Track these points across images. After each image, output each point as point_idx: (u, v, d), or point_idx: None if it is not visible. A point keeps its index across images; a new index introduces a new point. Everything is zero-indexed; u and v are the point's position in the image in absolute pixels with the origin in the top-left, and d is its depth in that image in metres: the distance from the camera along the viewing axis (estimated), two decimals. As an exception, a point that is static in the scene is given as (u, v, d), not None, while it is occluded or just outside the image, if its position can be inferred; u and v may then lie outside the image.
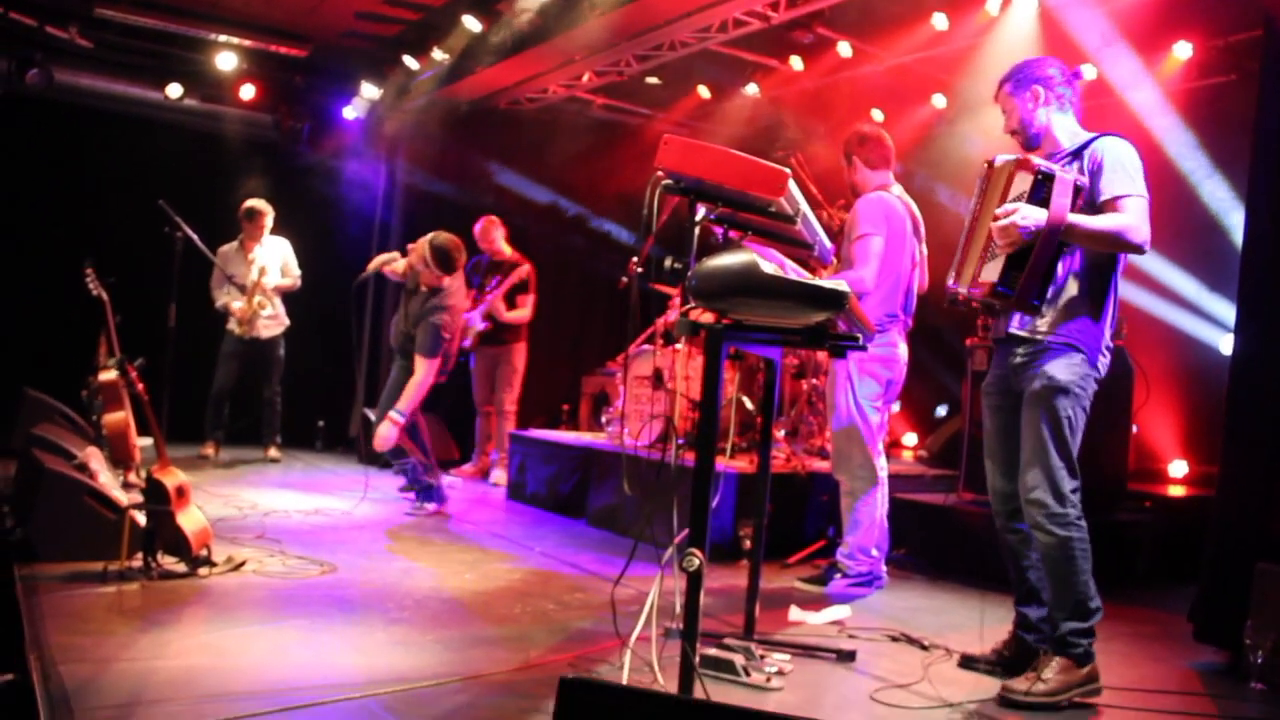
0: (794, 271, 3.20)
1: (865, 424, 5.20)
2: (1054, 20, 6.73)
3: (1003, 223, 3.53)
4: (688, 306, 3.17)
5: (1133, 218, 3.50)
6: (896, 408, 8.33)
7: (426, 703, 3.20)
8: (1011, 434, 3.79)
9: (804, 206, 3.30)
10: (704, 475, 3.08)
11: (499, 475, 8.19)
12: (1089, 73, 6.58)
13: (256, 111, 9.71)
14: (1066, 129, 3.80)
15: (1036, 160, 3.55)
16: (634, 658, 3.47)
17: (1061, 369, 3.62)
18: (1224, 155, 6.97)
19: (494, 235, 8.31)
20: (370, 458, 8.86)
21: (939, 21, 7.14)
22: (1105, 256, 3.64)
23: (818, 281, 3.09)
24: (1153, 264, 7.16)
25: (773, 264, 3.07)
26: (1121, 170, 3.56)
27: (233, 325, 8.39)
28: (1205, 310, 7.21)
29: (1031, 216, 3.48)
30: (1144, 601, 5.43)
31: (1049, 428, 3.62)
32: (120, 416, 5.97)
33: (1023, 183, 3.54)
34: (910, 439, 9.31)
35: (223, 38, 8.74)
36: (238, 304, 8.33)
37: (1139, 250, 3.53)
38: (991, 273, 3.62)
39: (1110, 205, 3.54)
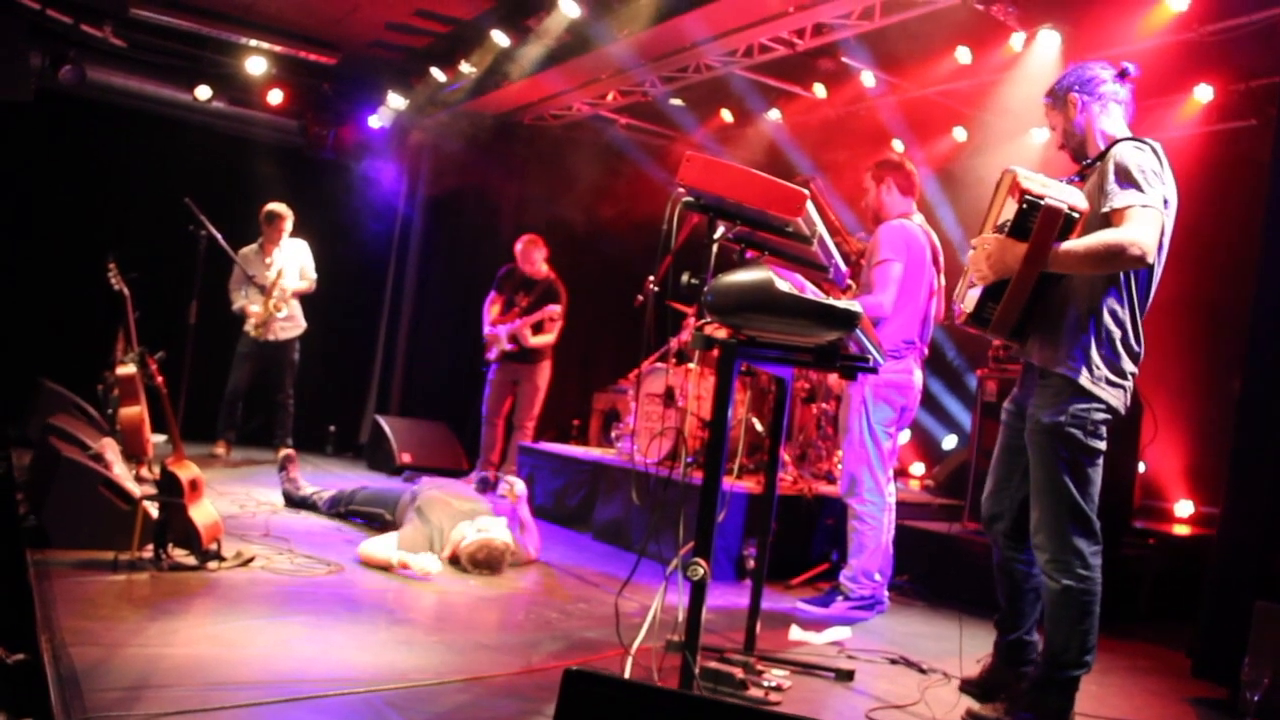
0: (813, 293, 3.23)
1: (877, 449, 5.23)
2: (1076, 58, 6.76)
3: (971, 255, 3.48)
4: (703, 322, 3.22)
5: (1128, 230, 3.27)
6: (906, 437, 8.37)
7: (428, 701, 3.24)
8: (1009, 455, 3.76)
9: (821, 229, 3.34)
10: (711, 484, 3.13)
11: (506, 488, 8.21)
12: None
13: (283, 116, 9.84)
14: (1106, 133, 3.60)
15: (1027, 184, 3.33)
16: (635, 667, 3.51)
17: (1049, 408, 3.48)
18: (1241, 198, 7.00)
19: (534, 256, 8.34)
20: (378, 464, 8.96)
21: (962, 55, 7.20)
22: (1107, 280, 3.44)
23: (831, 301, 3.14)
24: (1165, 300, 7.17)
25: (789, 283, 3.12)
26: (1123, 180, 3.35)
27: (249, 327, 8.46)
28: (1216, 350, 7.22)
29: (1003, 257, 3.35)
30: (1144, 637, 5.45)
31: (1045, 472, 3.50)
32: (135, 411, 6.04)
33: (1009, 210, 3.36)
34: (918, 468, 9.33)
35: (254, 42, 8.87)
36: (255, 307, 8.41)
37: (1140, 263, 3.28)
38: (970, 301, 3.54)
39: (1111, 219, 3.34)
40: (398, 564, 5.01)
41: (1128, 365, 3.50)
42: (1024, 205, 3.30)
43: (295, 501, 6.51)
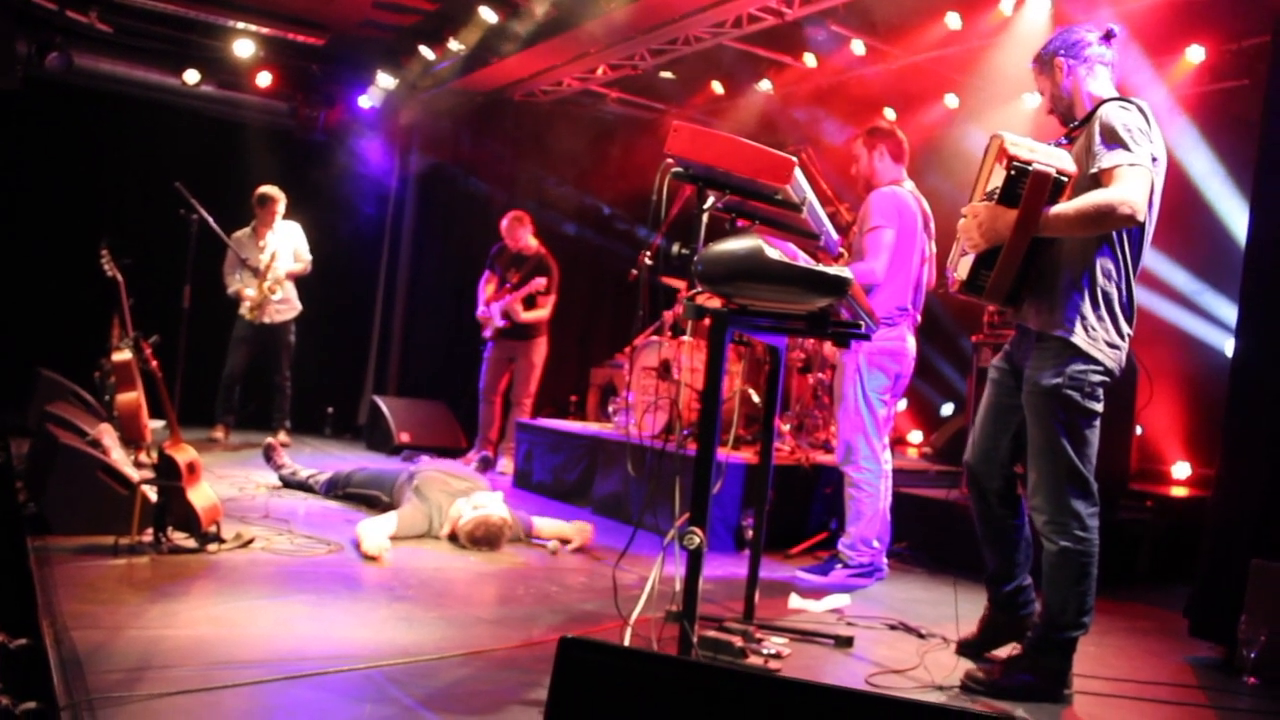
0: (804, 261, 3.23)
1: (872, 416, 5.24)
2: (1067, 21, 6.74)
3: (961, 223, 3.49)
4: (694, 292, 3.22)
5: (1116, 190, 3.27)
6: (902, 405, 8.37)
7: (429, 675, 3.25)
8: (998, 414, 3.76)
9: (810, 196, 3.34)
10: (705, 453, 3.13)
11: (505, 464, 8.24)
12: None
13: (273, 99, 9.81)
14: (1093, 95, 3.58)
15: (1014, 150, 3.31)
16: (634, 637, 3.52)
17: (1047, 370, 3.48)
18: (1233, 158, 6.99)
19: (519, 233, 8.34)
20: (377, 445, 8.97)
21: (952, 21, 7.17)
22: (1099, 240, 3.44)
23: (820, 267, 3.13)
24: (1160, 264, 7.19)
25: (780, 251, 3.11)
26: (1110, 140, 3.35)
27: (244, 310, 8.46)
28: (1211, 312, 7.24)
29: (993, 224, 3.36)
30: (1142, 598, 5.48)
31: (1043, 434, 3.51)
32: (132, 397, 6.05)
33: (998, 177, 3.36)
34: (915, 436, 9.35)
35: (241, 25, 8.83)
36: (250, 290, 8.41)
37: (1130, 221, 3.27)
38: (964, 269, 3.54)
39: (1100, 179, 3.34)
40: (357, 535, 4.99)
41: (1124, 325, 3.51)
42: (1012, 171, 3.30)
43: (293, 485, 6.52)
